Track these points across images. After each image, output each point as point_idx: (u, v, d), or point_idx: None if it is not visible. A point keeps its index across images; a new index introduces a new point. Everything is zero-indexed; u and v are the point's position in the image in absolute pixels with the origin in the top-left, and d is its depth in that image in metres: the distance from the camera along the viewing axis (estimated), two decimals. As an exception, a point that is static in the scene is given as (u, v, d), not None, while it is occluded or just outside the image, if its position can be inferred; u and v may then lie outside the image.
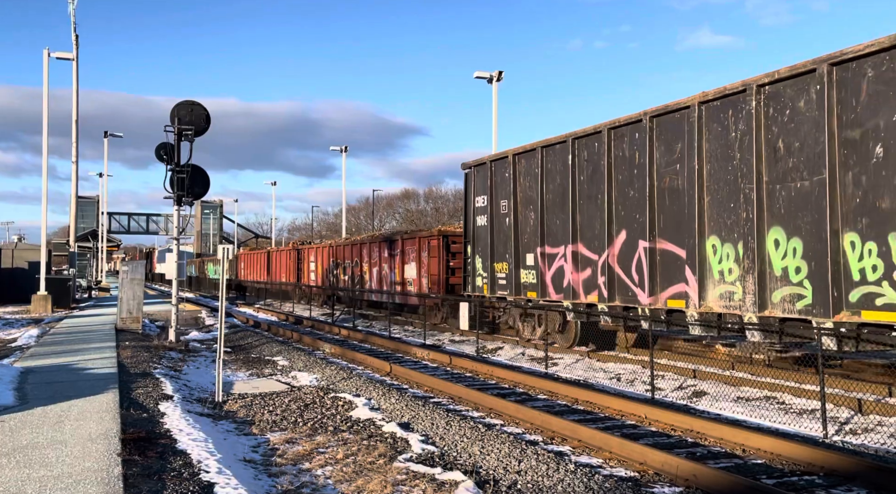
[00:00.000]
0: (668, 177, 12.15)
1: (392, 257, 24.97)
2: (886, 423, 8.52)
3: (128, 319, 19.14)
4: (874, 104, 8.95)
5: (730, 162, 10.98)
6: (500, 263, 16.96)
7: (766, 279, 10.28)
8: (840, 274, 9.22)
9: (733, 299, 10.77)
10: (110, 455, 6.24)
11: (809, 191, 9.71)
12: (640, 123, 12.68)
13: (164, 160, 17.25)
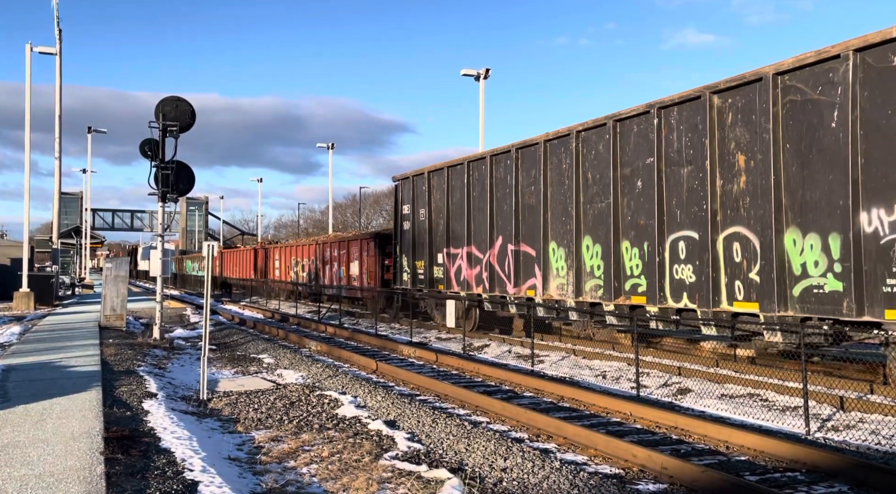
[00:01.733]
0: (527, 195, 15.86)
1: (340, 256, 28.50)
2: (868, 420, 8.62)
3: (112, 316, 18.98)
4: (636, 151, 12.80)
5: (562, 186, 14.76)
6: (420, 261, 20.33)
7: (581, 274, 14.13)
8: (620, 271, 13.09)
9: (564, 289, 14.57)
10: (93, 454, 6.18)
11: (604, 210, 13.54)
12: (509, 153, 16.36)
13: (148, 156, 17.10)
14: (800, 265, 9.86)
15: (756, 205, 10.48)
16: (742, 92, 10.76)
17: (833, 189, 9.45)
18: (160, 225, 17.69)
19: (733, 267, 10.82)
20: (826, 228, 9.52)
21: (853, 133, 9.20)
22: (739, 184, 10.81)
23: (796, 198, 9.95)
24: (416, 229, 20.66)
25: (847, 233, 9.20)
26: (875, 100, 9.00)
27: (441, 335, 19.44)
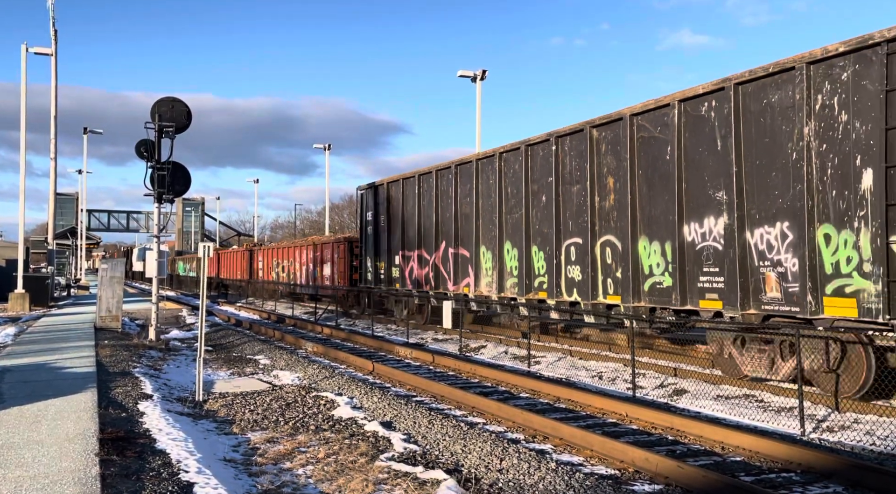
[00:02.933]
0: (464, 205, 18.28)
1: (316, 258, 30.96)
2: (862, 421, 8.64)
3: (107, 318, 18.94)
4: (542, 171, 15.27)
5: (489, 199, 17.21)
6: (381, 262, 22.67)
7: (503, 273, 16.59)
8: (531, 271, 15.52)
9: (491, 286, 17.01)
10: (88, 455, 6.17)
11: (518, 220, 15.98)
12: (450, 168, 18.89)
13: (144, 157, 17.08)
14: (648, 266, 12.42)
15: (621, 218, 13.01)
16: (611, 127, 13.23)
17: (667, 207, 11.96)
18: (156, 226, 17.66)
19: (606, 268, 13.41)
20: (664, 237, 12.07)
21: (679, 164, 11.70)
22: (610, 200, 13.38)
23: (645, 213, 12.53)
24: (377, 234, 23.01)
25: (675, 241, 11.69)
26: (692, 140, 11.55)
27: (438, 336, 19.44)
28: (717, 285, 11.00)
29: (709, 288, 11.15)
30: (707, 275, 11.20)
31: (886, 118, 8.76)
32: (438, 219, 19.41)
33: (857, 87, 9.19)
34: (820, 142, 9.62)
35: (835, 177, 9.45)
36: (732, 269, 10.71)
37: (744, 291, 10.56)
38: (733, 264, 10.69)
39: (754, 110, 10.52)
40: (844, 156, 9.32)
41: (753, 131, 10.54)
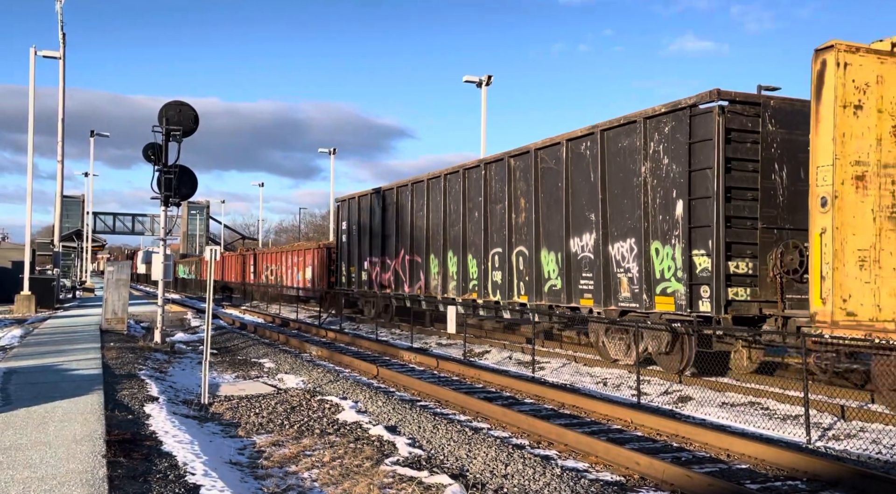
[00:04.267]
0: (418, 219, 20.81)
1: (299, 263, 33.76)
2: (868, 429, 8.62)
3: (113, 320, 19.00)
4: (475, 191, 18.12)
5: (437, 213, 19.93)
6: (353, 267, 25.47)
7: (446, 278, 19.43)
8: (467, 275, 18.44)
9: (437, 289, 19.86)
10: (95, 457, 6.20)
11: (458, 232, 18.87)
12: (407, 186, 21.50)
13: (151, 160, 17.14)
14: (547, 272, 15.31)
15: (529, 233, 15.84)
16: (523, 158, 16.18)
17: (559, 224, 14.86)
18: (162, 229, 17.72)
19: (519, 273, 16.29)
20: (557, 248, 14.93)
21: (567, 191, 14.61)
22: (522, 218, 16.26)
23: (545, 229, 15.42)
24: (349, 242, 25.78)
25: (564, 251, 14.65)
26: (575, 172, 14.46)
27: (442, 340, 19.45)
28: (590, 287, 13.98)
29: (585, 289, 14.13)
30: (584, 279, 14.17)
31: (690, 162, 11.69)
32: (398, 230, 22.06)
33: (674, 139, 12.09)
34: (652, 178, 12.55)
35: (661, 206, 12.39)
36: (599, 275, 13.64)
37: (607, 292, 13.53)
38: (600, 270, 13.60)
39: (613, 151, 13.45)
40: (666, 189, 12.28)
41: (613, 167, 13.44)
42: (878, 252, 9.41)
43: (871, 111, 9.47)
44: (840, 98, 9.37)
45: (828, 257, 9.33)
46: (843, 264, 9.29)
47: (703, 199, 11.52)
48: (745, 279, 11.39)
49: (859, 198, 9.39)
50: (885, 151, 9.44)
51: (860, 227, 9.38)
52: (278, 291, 36.51)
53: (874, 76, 9.50)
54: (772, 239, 11.40)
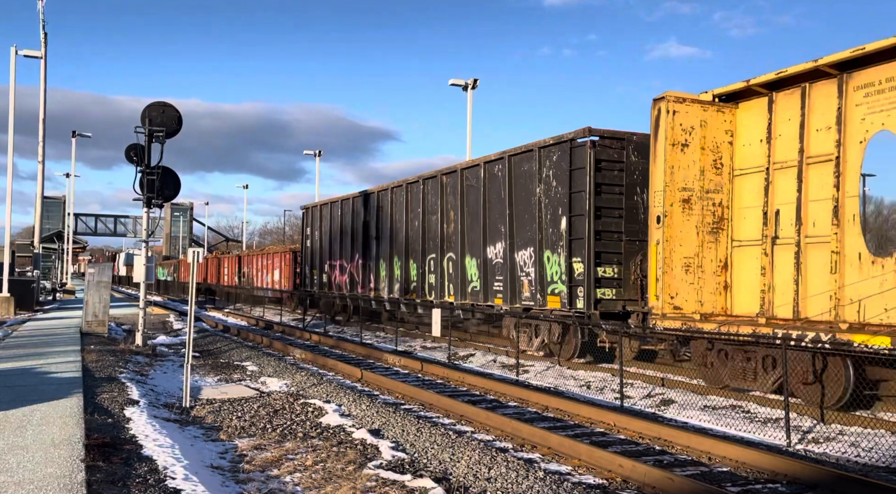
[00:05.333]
0: (370, 227, 22.98)
1: (268, 265, 35.92)
2: (847, 432, 8.71)
3: (93, 322, 18.79)
4: (415, 203, 20.09)
5: (385, 222, 21.90)
6: (315, 270, 27.43)
7: (392, 280, 21.32)
8: (409, 278, 20.30)
9: (384, 290, 21.76)
10: (73, 461, 6.12)
11: (402, 240, 20.69)
12: (360, 197, 23.84)
13: (134, 161, 17.00)
14: (470, 275, 17.47)
15: (457, 241, 17.95)
16: (452, 175, 18.32)
17: (479, 235, 17.03)
18: (145, 230, 17.57)
19: (449, 276, 18.41)
20: (478, 255, 17.07)
21: (484, 206, 16.83)
22: (451, 228, 18.38)
23: (469, 238, 17.59)
24: (313, 246, 27.81)
25: (482, 258, 16.86)
26: (490, 189, 16.73)
27: (426, 343, 19.43)
28: (501, 288, 16.14)
29: (498, 290, 16.28)
30: (497, 282, 16.35)
31: (571, 186, 13.99)
32: (353, 236, 24.21)
33: (560, 165, 14.32)
34: (545, 197, 14.82)
35: (551, 220, 14.66)
36: (507, 278, 15.84)
37: (513, 292, 15.71)
38: (508, 274, 15.82)
39: (517, 174, 15.69)
40: (555, 207, 14.52)
41: (517, 187, 15.69)
42: (700, 259, 11.79)
43: (696, 148, 11.81)
44: (670, 138, 11.64)
45: (661, 263, 11.51)
46: (671, 268, 11.56)
47: (580, 216, 13.79)
48: (611, 281, 13.70)
49: (685, 217, 11.71)
50: (707, 180, 11.88)
51: (686, 239, 11.68)
52: (250, 292, 38.71)
53: (698, 121, 11.83)
54: (634, 249, 13.65)
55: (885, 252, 9.88)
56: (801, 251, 10.63)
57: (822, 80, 10.56)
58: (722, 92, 11.96)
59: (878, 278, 9.48)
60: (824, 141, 10.44)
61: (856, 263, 9.83)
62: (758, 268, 11.30)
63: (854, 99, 10.04)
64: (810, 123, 10.69)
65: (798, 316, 10.53)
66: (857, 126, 9.98)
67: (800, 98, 10.84)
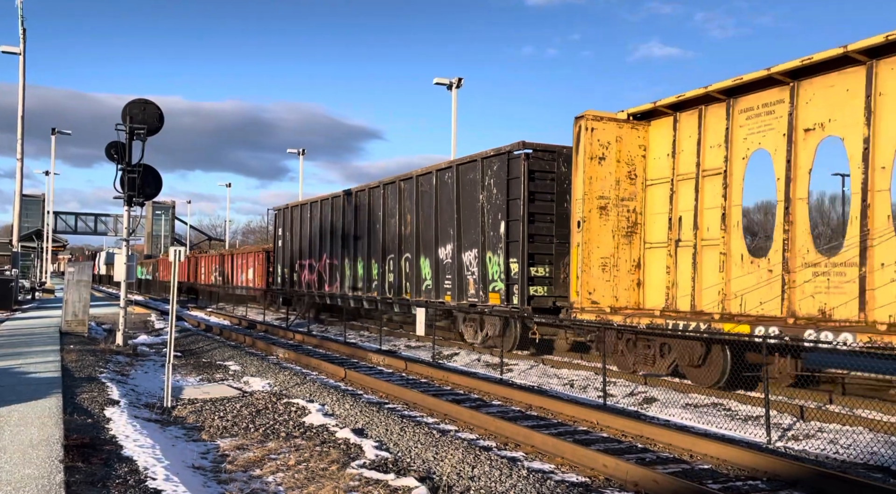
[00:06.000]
0: (335, 229, 24.27)
1: (242, 265, 37.38)
2: (826, 429, 8.82)
3: (73, 322, 18.57)
4: (375, 207, 21.56)
5: (349, 224, 23.20)
6: (286, 269, 28.75)
7: (356, 278, 22.68)
8: (370, 277, 21.79)
9: (348, 287, 23.13)
10: (52, 462, 6.04)
11: (364, 241, 22.15)
12: (328, 199, 25.10)
13: (114, 159, 16.81)
14: (424, 274, 18.82)
15: (413, 242, 19.19)
16: (409, 181, 19.55)
17: (432, 236, 18.30)
18: (125, 229, 17.39)
19: (406, 275, 19.64)
20: (430, 256, 18.41)
21: (436, 210, 18.21)
22: (408, 230, 19.57)
23: (423, 240, 18.84)
24: (284, 246, 29.04)
25: (434, 258, 18.22)
26: (442, 195, 18.05)
27: (411, 343, 19.41)
28: (450, 286, 17.50)
29: (448, 288, 17.60)
30: (447, 280, 17.64)
31: (508, 193, 15.34)
32: (321, 237, 25.54)
33: (499, 175, 15.67)
34: (487, 203, 16.20)
35: (492, 225, 16.03)
36: (455, 277, 17.26)
37: (460, 290, 17.12)
38: (455, 273, 17.25)
39: (464, 182, 17.05)
40: (495, 213, 15.89)
41: (464, 194, 17.05)
42: (616, 259, 13.23)
43: (612, 161, 13.18)
44: (589, 152, 13.05)
45: (580, 263, 13.03)
46: (590, 268, 13.06)
47: (516, 221, 15.15)
48: (543, 280, 15.09)
49: (602, 222, 13.14)
50: (622, 189, 13.28)
51: (603, 242, 13.14)
52: (226, 291, 40.33)
53: (614, 137, 13.21)
54: (563, 250, 14.69)
55: (761, 253, 11.19)
56: (697, 252, 12.07)
57: (714, 104, 11.93)
58: (635, 111, 13.20)
59: (755, 275, 11.01)
60: (715, 157, 11.87)
61: (739, 263, 11.35)
62: (664, 267, 12.72)
63: (738, 121, 11.47)
64: (705, 141, 12.10)
65: (694, 309, 11.94)
66: (741, 144, 11.44)
67: (697, 118, 12.22)
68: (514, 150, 15.19)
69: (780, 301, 10.49)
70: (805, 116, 10.48)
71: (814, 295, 10.12)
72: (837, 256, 10.00)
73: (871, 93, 9.56)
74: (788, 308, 10.35)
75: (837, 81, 10.06)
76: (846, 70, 9.94)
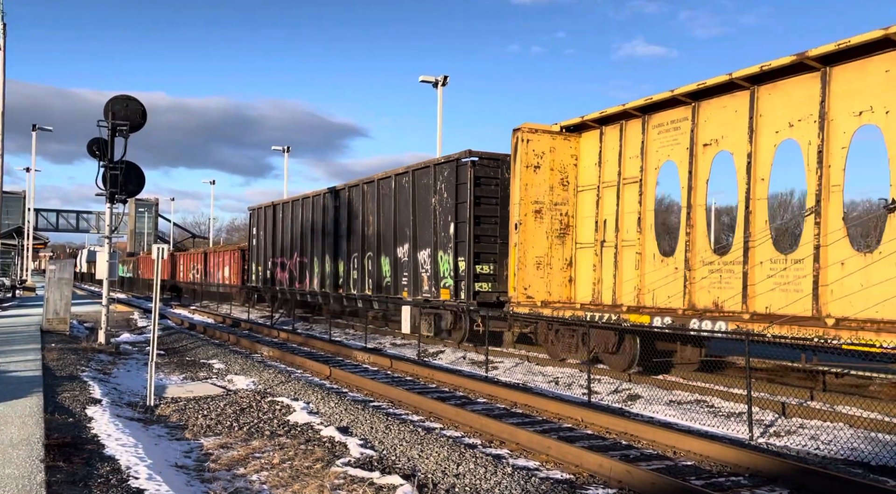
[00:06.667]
0: (305, 229, 25.50)
1: (219, 263, 38.61)
2: (808, 425, 8.92)
3: (54, 320, 18.37)
4: (340, 207, 23.01)
5: (317, 225, 24.60)
6: (260, 266, 30.12)
7: (324, 276, 23.87)
8: (337, 275, 23.03)
9: (316, 284, 24.40)
10: (32, 462, 5.97)
11: (331, 242, 23.36)
12: (298, 200, 26.37)
13: (96, 156, 16.64)
14: (384, 271, 19.91)
15: (375, 242, 20.51)
16: (371, 185, 20.85)
17: (392, 237, 19.47)
18: (107, 226, 17.22)
19: (369, 273, 20.86)
20: (390, 254, 19.57)
21: (395, 212, 19.32)
22: (371, 230, 20.84)
23: (384, 240, 20.04)
24: (258, 245, 30.32)
25: (393, 257, 19.41)
26: (400, 198, 19.23)
27: (396, 341, 19.39)
28: (407, 283, 18.72)
29: (405, 284, 18.80)
30: (404, 278, 18.85)
31: (457, 197, 16.54)
32: (291, 236, 26.69)
33: (450, 180, 16.81)
34: (439, 206, 17.30)
35: (443, 226, 17.17)
36: (411, 274, 18.45)
37: (416, 286, 18.28)
38: (412, 271, 18.44)
39: (419, 186, 18.19)
40: (446, 215, 17.07)
41: (419, 197, 18.20)
42: (549, 258, 14.64)
43: (546, 169, 14.57)
44: (525, 161, 14.43)
45: (517, 261, 14.42)
46: (525, 266, 14.42)
47: (463, 223, 16.40)
48: (488, 277, 16.35)
49: (537, 224, 14.54)
50: (555, 194, 14.69)
51: (538, 243, 14.52)
52: (204, 288, 41.93)
53: (548, 147, 14.60)
54: (507, 250, 15.55)
55: (670, 252, 12.64)
56: (618, 252, 13.56)
57: (633, 119, 13.34)
58: (567, 124, 14.56)
59: (664, 272, 12.51)
60: (633, 166, 13.36)
61: (651, 261, 12.85)
62: (592, 265, 14.23)
63: (652, 135, 12.99)
64: (625, 152, 13.57)
65: (615, 303, 13.39)
66: (654, 156, 13.00)
67: (619, 132, 13.66)
68: (462, 158, 16.46)
69: (682, 295, 12.00)
70: (704, 133, 11.97)
71: (710, 290, 11.63)
72: (727, 256, 11.45)
73: (753, 114, 11.07)
74: (689, 301, 11.89)
75: (728, 103, 11.56)
76: (735, 94, 11.40)
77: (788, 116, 10.60)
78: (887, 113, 9.28)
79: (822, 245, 9.96)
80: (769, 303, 10.57)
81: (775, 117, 10.78)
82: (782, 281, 10.46)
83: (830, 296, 9.77)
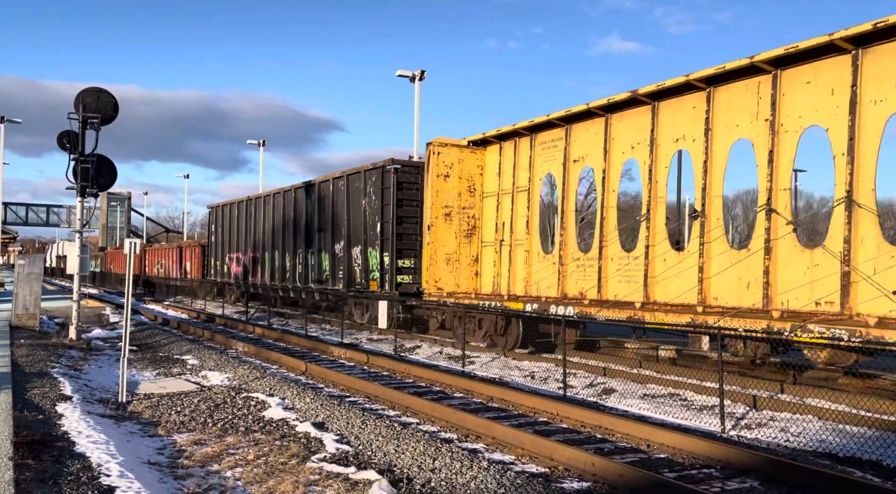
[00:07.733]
0: (258, 227, 27.40)
1: (181, 257, 40.18)
2: (778, 418, 9.07)
3: (24, 316, 18.04)
4: (287, 207, 25.03)
5: (268, 223, 26.37)
6: (218, 261, 32.02)
7: (274, 269, 25.80)
8: (285, 268, 24.96)
9: (268, 277, 26.23)
10: (0, 459, 5.86)
11: (279, 238, 25.39)
12: (252, 200, 28.52)
13: (66, 149, 16.35)
14: (325, 266, 21.91)
15: (316, 239, 22.47)
16: (314, 187, 22.98)
17: (331, 235, 21.62)
18: (79, 220, 16.93)
19: (311, 267, 22.90)
20: (329, 251, 21.70)
21: (332, 212, 21.47)
22: (314, 228, 22.50)
23: (324, 238, 21.93)
24: (216, 241, 32.24)
25: (331, 252, 21.51)
26: (337, 200, 21.31)
27: (373, 336, 19.36)
28: (342, 276, 20.73)
29: (341, 277, 20.84)
30: (340, 271, 20.86)
31: (383, 200, 18.71)
32: (246, 233, 28.64)
33: (377, 185, 18.98)
34: (369, 208, 19.42)
35: (371, 225, 19.24)
36: (346, 268, 20.54)
37: (349, 279, 20.38)
38: (346, 265, 20.56)
39: (353, 189, 20.31)
40: (374, 216, 19.12)
41: (353, 199, 20.29)
42: (458, 255, 16.83)
43: (455, 178, 16.80)
44: (436, 171, 16.62)
45: (429, 258, 16.55)
46: (436, 262, 16.58)
47: (388, 222, 18.51)
48: (409, 270, 18.41)
49: (447, 226, 16.71)
50: (463, 200, 16.89)
51: (447, 242, 16.69)
52: (167, 282, 43.43)
53: (457, 158, 16.86)
54: None
55: (550, 250, 14.80)
56: (512, 250, 15.74)
57: (524, 137, 15.53)
58: (473, 139, 16.79)
59: (546, 267, 14.69)
60: (524, 177, 15.58)
61: (537, 258, 15.07)
62: (493, 261, 16.35)
63: (537, 151, 15.23)
64: (518, 164, 15.74)
65: (511, 293, 15.58)
66: (539, 168, 15.25)
67: (514, 147, 15.87)
68: (386, 165, 18.64)
69: (557, 286, 14.24)
70: (574, 151, 14.29)
71: (577, 282, 13.92)
72: (589, 253, 13.72)
73: (608, 137, 13.39)
74: (562, 291, 14.14)
75: (591, 127, 13.87)
76: (595, 119, 13.67)
77: (631, 140, 12.99)
78: (694, 141, 11.84)
79: (650, 244, 12.35)
80: (617, 292, 12.96)
81: (623, 141, 13.17)
82: (626, 274, 12.84)
83: (656, 286, 12.19)
